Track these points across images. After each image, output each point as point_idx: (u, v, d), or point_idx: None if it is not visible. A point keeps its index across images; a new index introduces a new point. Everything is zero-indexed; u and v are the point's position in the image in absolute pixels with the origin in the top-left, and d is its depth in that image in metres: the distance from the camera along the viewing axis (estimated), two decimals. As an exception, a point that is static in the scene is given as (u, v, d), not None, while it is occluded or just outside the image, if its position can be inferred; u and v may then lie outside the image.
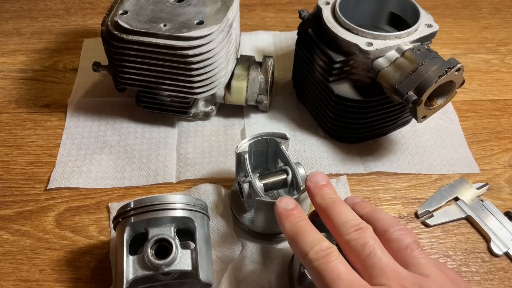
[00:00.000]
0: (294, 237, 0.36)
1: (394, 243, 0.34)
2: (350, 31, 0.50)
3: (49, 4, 0.80)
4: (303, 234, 0.35)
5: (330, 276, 0.32)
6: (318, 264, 0.33)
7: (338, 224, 0.36)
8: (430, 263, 0.33)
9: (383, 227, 0.35)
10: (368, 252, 0.33)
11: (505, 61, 0.71)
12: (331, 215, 0.37)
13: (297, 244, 0.35)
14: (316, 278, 0.33)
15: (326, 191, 0.39)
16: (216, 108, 0.60)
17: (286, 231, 0.37)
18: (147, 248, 0.40)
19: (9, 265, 0.47)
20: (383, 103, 0.53)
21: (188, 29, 0.49)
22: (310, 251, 0.34)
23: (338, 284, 0.31)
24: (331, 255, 0.33)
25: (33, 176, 0.55)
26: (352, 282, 0.32)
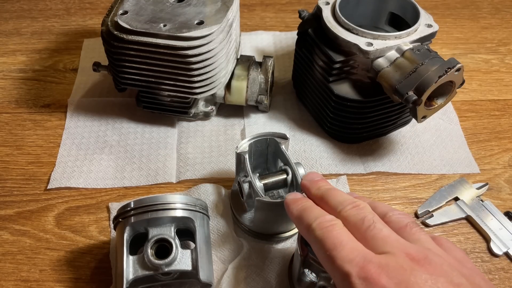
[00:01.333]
0: (300, 215, 0.35)
1: (393, 224, 0.34)
2: (350, 31, 0.50)
3: (49, 4, 0.80)
4: (309, 210, 0.35)
5: (332, 242, 0.31)
6: (321, 232, 0.32)
7: (335, 203, 0.35)
8: (430, 240, 0.33)
9: (382, 212, 0.35)
10: (368, 225, 0.32)
11: (505, 61, 0.71)
12: (328, 199, 0.36)
13: (303, 220, 0.35)
14: (318, 248, 0.33)
15: (321, 183, 0.39)
16: (216, 108, 0.60)
17: (293, 214, 0.37)
18: (147, 248, 0.40)
19: (9, 265, 0.47)
20: (383, 103, 0.53)
21: (188, 29, 0.49)
22: (314, 222, 0.33)
23: (341, 249, 0.31)
24: (335, 226, 0.33)
25: (33, 176, 0.55)
26: (354, 248, 0.31)
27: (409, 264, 0.29)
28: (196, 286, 0.44)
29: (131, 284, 0.40)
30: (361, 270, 0.29)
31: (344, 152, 0.57)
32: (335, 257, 0.31)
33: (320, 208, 0.36)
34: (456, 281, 0.28)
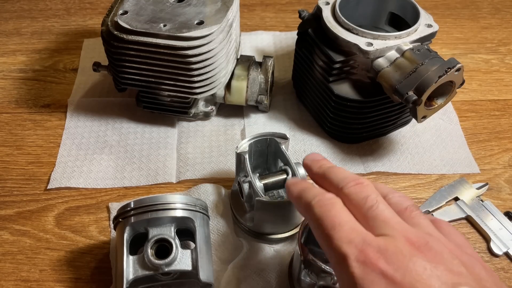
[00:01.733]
0: (299, 195, 0.34)
1: (393, 207, 0.32)
2: (350, 31, 0.50)
3: (49, 4, 0.80)
4: (308, 189, 0.34)
5: (331, 221, 0.30)
6: (320, 211, 0.31)
7: (338, 180, 0.34)
8: (430, 224, 0.32)
9: (383, 193, 0.34)
10: (370, 204, 0.31)
11: (505, 61, 0.71)
12: (330, 176, 0.35)
13: (302, 199, 0.34)
14: (316, 227, 0.31)
15: (323, 161, 0.38)
16: (216, 108, 0.60)
17: (293, 194, 0.35)
18: (147, 248, 0.40)
19: (9, 265, 0.47)
20: (383, 103, 0.53)
21: (188, 29, 0.49)
22: (313, 200, 0.32)
23: (339, 229, 0.30)
24: (335, 204, 0.32)
25: (33, 176, 0.55)
26: (354, 229, 0.30)
27: (409, 250, 0.28)
28: (196, 286, 0.44)
29: (131, 284, 0.40)
30: (360, 253, 0.28)
31: (344, 152, 0.57)
32: (332, 237, 0.30)
33: (320, 188, 0.35)
34: (456, 270, 0.28)
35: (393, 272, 0.27)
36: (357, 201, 0.32)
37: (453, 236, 0.31)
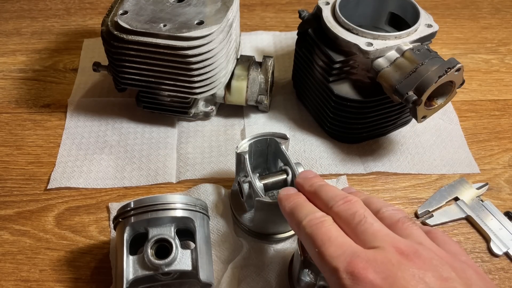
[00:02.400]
0: (291, 212, 0.36)
1: (386, 220, 0.33)
2: (350, 31, 0.50)
3: (49, 4, 0.80)
4: (300, 207, 0.36)
5: (321, 238, 0.32)
6: (311, 230, 0.33)
7: (327, 198, 0.35)
8: (423, 234, 0.32)
9: (376, 208, 0.35)
10: (359, 219, 0.32)
11: (505, 61, 0.71)
12: (320, 194, 0.36)
13: (294, 217, 0.35)
14: (309, 245, 0.33)
15: (314, 179, 0.39)
16: (216, 108, 0.60)
17: (285, 210, 0.37)
18: (147, 248, 0.40)
19: (9, 265, 0.47)
20: (383, 103, 0.53)
21: (188, 29, 0.49)
22: (304, 219, 0.34)
23: (329, 245, 0.31)
24: (325, 222, 0.33)
25: (33, 176, 0.55)
26: (343, 243, 0.31)
27: (397, 259, 0.29)
28: (196, 286, 0.44)
29: (131, 284, 0.40)
30: (349, 265, 0.29)
31: (344, 152, 0.57)
32: (323, 254, 0.31)
33: (312, 205, 0.36)
34: (445, 275, 0.28)
35: (382, 281, 0.28)
36: (346, 217, 0.33)
37: (447, 246, 0.32)
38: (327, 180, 0.54)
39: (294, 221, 0.35)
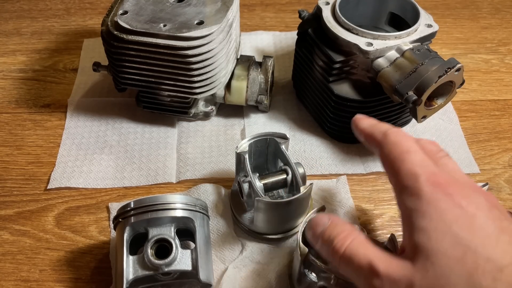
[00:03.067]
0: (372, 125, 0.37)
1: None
2: (350, 31, 0.50)
3: (49, 4, 0.80)
4: (381, 124, 0.37)
5: (407, 146, 0.33)
6: (398, 138, 0.34)
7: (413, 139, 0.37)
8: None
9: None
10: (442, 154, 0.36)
11: (505, 61, 0.71)
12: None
13: (376, 127, 0.37)
14: (389, 151, 0.34)
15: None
16: (216, 108, 0.60)
17: (363, 125, 0.38)
18: (147, 248, 0.40)
19: (9, 265, 0.47)
20: (383, 103, 0.53)
21: (188, 29, 0.49)
22: (389, 130, 0.36)
23: (414, 154, 0.32)
24: (411, 137, 0.35)
25: (33, 176, 0.55)
26: (426, 158, 0.33)
27: (471, 186, 0.32)
28: (196, 286, 0.44)
29: (131, 284, 0.40)
30: (431, 175, 0.31)
31: (344, 152, 0.57)
32: (406, 160, 0.32)
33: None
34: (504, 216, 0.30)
35: (460, 198, 0.30)
36: (430, 148, 0.35)
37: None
38: (327, 180, 0.54)
39: (377, 130, 0.36)
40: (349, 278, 0.33)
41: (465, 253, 0.28)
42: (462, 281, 0.27)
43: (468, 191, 0.31)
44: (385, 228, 0.50)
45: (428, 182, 0.30)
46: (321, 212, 0.42)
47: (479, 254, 0.28)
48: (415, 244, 0.30)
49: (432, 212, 0.29)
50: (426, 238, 0.29)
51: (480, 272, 0.27)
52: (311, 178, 0.54)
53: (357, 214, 0.51)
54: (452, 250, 0.28)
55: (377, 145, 0.36)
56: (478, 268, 0.27)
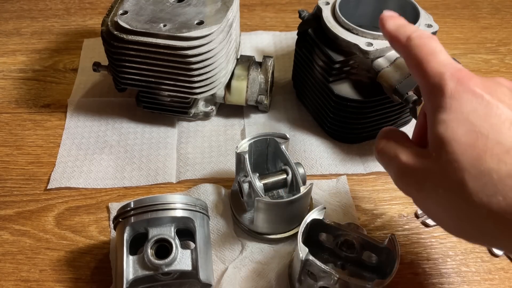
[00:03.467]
0: (398, 28, 0.38)
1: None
2: (350, 31, 0.50)
3: (49, 4, 0.80)
4: (408, 25, 0.38)
5: (433, 47, 0.34)
6: (422, 41, 0.35)
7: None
8: None
9: None
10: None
11: (505, 61, 0.71)
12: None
13: (401, 31, 0.37)
14: (414, 54, 0.35)
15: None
16: (216, 108, 0.60)
17: (389, 26, 0.39)
18: (147, 248, 0.40)
19: (9, 265, 0.47)
20: (383, 103, 0.53)
21: (188, 29, 0.49)
22: (414, 33, 0.36)
23: (440, 54, 0.34)
24: (434, 38, 0.36)
25: (33, 176, 0.55)
26: (450, 58, 0.34)
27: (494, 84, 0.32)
28: (196, 286, 0.44)
29: (131, 284, 0.40)
30: (456, 72, 0.32)
31: (344, 152, 0.57)
32: (432, 61, 0.33)
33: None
34: None
35: (482, 90, 0.31)
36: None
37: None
38: (327, 180, 0.54)
39: (401, 35, 0.36)
40: None
41: (477, 139, 0.29)
42: (470, 164, 0.29)
43: (490, 83, 0.32)
44: (385, 228, 0.50)
45: (452, 77, 0.32)
46: (322, 210, 0.42)
47: (490, 139, 0.29)
48: (435, 136, 0.31)
49: (453, 105, 0.31)
50: (444, 129, 0.31)
51: (488, 154, 0.29)
52: (311, 178, 0.54)
53: (357, 214, 0.51)
54: (466, 137, 0.30)
55: (401, 49, 0.37)
56: (487, 151, 0.29)
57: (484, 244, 0.33)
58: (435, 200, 0.32)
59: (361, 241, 0.42)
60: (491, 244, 0.32)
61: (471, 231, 0.32)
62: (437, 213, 0.33)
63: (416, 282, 0.46)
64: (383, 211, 0.52)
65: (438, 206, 0.32)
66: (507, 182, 0.28)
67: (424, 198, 0.33)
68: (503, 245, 0.31)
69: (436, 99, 0.32)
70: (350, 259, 0.44)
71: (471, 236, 0.32)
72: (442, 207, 0.32)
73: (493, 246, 0.32)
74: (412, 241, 0.49)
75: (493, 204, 0.28)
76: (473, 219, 0.30)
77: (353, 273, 0.43)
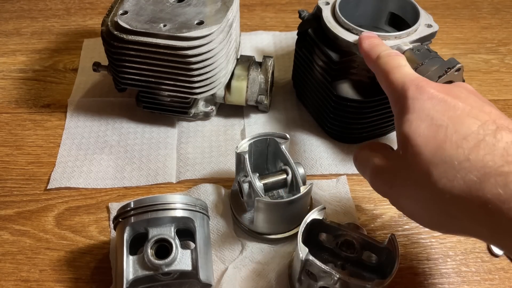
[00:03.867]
0: (371, 47, 0.44)
1: None
2: (350, 31, 0.50)
3: (49, 4, 0.80)
4: (380, 45, 0.44)
5: (397, 63, 0.39)
6: (388, 59, 0.40)
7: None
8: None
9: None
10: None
11: (505, 61, 0.71)
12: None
13: (373, 51, 0.43)
14: (382, 70, 0.40)
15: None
16: (216, 108, 0.60)
17: (364, 46, 0.45)
18: (147, 248, 0.40)
19: (9, 265, 0.47)
20: (383, 103, 0.53)
21: (188, 29, 0.49)
22: (383, 52, 0.42)
23: (403, 68, 0.38)
24: (401, 56, 0.41)
25: (33, 176, 0.55)
26: (412, 71, 0.38)
27: (454, 84, 0.37)
28: (196, 286, 0.44)
29: (131, 284, 0.40)
30: (416, 79, 0.36)
31: (344, 152, 0.57)
32: (396, 72, 0.38)
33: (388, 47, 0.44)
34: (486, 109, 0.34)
35: (440, 92, 0.34)
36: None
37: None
38: (327, 180, 0.54)
39: (372, 53, 0.43)
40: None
41: (438, 131, 0.32)
42: (432, 154, 0.32)
43: (446, 86, 0.36)
44: (385, 228, 0.50)
45: (413, 83, 0.36)
46: (322, 210, 0.42)
47: (449, 129, 0.32)
48: (401, 134, 0.34)
49: (415, 105, 0.34)
50: (408, 126, 0.34)
51: (448, 142, 0.31)
52: (311, 178, 0.54)
53: (357, 214, 0.51)
54: (427, 130, 0.33)
55: (372, 64, 0.42)
56: (446, 140, 0.32)
57: (455, 233, 0.35)
58: (407, 194, 0.35)
59: (361, 241, 0.42)
60: (460, 231, 0.34)
61: (441, 220, 0.34)
62: (410, 208, 0.36)
63: (416, 282, 0.46)
64: (383, 211, 0.52)
65: (410, 200, 0.35)
66: (465, 165, 0.30)
67: (397, 195, 0.36)
68: (470, 230, 0.33)
69: (400, 103, 0.36)
70: (350, 259, 0.44)
71: (442, 226, 0.34)
72: (413, 199, 0.34)
73: (462, 233, 0.34)
74: (412, 241, 0.49)
75: (454, 188, 0.31)
76: (440, 206, 0.32)
77: (353, 273, 0.43)
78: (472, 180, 0.30)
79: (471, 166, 0.30)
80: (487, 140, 0.31)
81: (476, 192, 0.30)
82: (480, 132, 0.31)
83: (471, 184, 0.30)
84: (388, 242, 0.40)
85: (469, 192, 0.30)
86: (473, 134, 0.31)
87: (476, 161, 0.30)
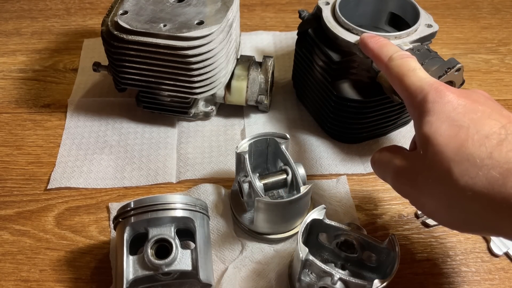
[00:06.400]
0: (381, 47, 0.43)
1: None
2: (350, 31, 0.50)
3: (49, 4, 0.80)
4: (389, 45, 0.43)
5: (413, 66, 0.39)
6: (402, 61, 0.40)
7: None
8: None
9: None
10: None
11: (505, 61, 0.71)
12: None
13: (383, 51, 0.42)
14: (396, 73, 0.39)
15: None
16: (216, 108, 0.60)
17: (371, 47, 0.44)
18: (147, 248, 0.40)
19: (9, 265, 0.47)
20: (383, 103, 0.53)
21: (188, 29, 0.49)
22: (395, 53, 0.41)
23: (420, 71, 0.38)
24: (413, 58, 0.41)
25: (33, 176, 0.55)
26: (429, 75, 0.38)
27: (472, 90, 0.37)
28: (196, 286, 0.44)
29: (131, 284, 0.40)
30: (434, 83, 0.36)
31: (344, 152, 0.57)
32: (412, 76, 0.38)
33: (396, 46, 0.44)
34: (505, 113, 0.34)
35: (459, 94, 0.35)
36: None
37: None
38: (327, 180, 0.54)
39: (383, 54, 0.42)
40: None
41: (459, 131, 0.33)
42: (453, 152, 0.32)
43: (466, 91, 0.36)
44: (385, 228, 0.50)
45: (432, 87, 0.36)
46: (322, 210, 0.42)
47: (471, 129, 0.33)
48: (421, 135, 0.35)
49: (435, 108, 0.35)
50: (429, 127, 0.34)
51: (470, 141, 0.32)
52: (311, 178, 0.55)
53: (357, 214, 0.51)
54: (449, 131, 0.33)
55: (384, 66, 0.42)
56: (468, 139, 0.32)
57: (475, 231, 0.37)
58: (428, 193, 0.35)
59: (361, 241, 0.42)
60: (480, 229, 0.35)
61: (461, 217, 0.34)
62: (431, 206, 0.36)
63: (416, 282, 0.46)
64: (383, 211, 0.52)
65: (431, 198, 0.35)
66: (487, 162, 0.31)
67: (418, 194, 0.36)
68: (491, 227, 0.33)
69: (419, 107, 0.36)
70: (350, 259, 0.44)
71: (463, 224, 0.35)
72: (435, 198, 0.35)
73: (482, 230, 0.36)
74: (412, 241, 0.49)
75: (476, 185, 0.31)
76: (461, 203, 0.33)
77: (353, 273, 0.43)
78: (495, 177, 0.31)
79: (494, 163, 0.31)
80: (510, 139, 0.31)
81: (498, 188, 0.30)
82: (502, 132, 0.32)
83: (493, 181, 0.31)
84: (388, 242, 0.40)
85: (491, 188, 0.31)
86: (495, 134, 0.32)
87: (499, 158, 0.31)
